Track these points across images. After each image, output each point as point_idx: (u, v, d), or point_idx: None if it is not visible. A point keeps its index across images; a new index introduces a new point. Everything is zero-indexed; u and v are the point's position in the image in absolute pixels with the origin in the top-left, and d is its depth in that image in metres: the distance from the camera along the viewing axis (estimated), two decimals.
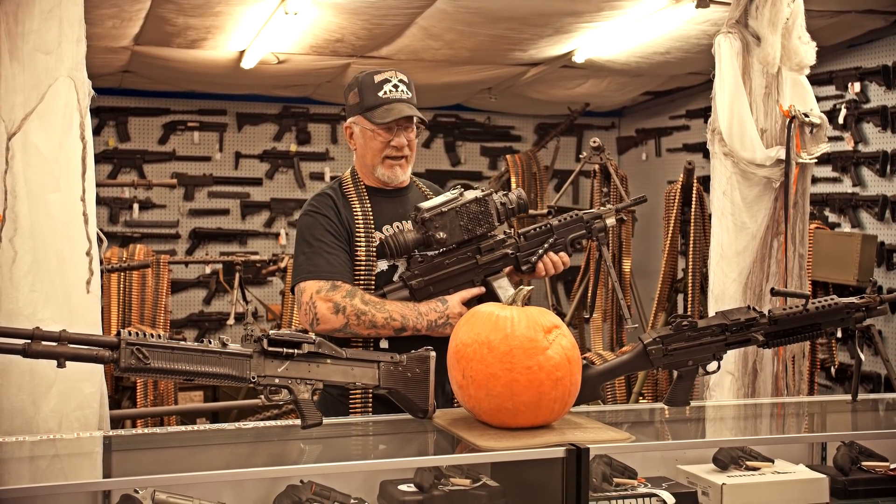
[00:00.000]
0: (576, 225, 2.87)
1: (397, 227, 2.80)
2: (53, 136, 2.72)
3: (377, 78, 2.79)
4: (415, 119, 2.79)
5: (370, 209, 2.79)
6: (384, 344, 2.71)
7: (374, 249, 2.73)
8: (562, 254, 2.83)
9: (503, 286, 2.74)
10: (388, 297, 2.68)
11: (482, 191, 2.75)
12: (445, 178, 8.24)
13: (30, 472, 2.15)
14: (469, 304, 2.71)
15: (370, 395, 2.71)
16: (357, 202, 2.79)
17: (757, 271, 3.51)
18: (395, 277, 2.76)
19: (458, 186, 2.81)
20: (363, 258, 2.72)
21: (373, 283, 2.73)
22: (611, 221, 2.91)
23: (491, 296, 2.72)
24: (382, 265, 2.75)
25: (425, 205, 2.69)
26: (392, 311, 2.64)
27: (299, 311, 2.69)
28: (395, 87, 2.78)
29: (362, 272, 2.72)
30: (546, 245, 2.80)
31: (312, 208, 2.79)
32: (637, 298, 5.63)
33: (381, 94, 2.77)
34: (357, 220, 2.75)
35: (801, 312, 2.64)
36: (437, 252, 2.72)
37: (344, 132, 2.92)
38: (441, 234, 2.67)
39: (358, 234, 2.74)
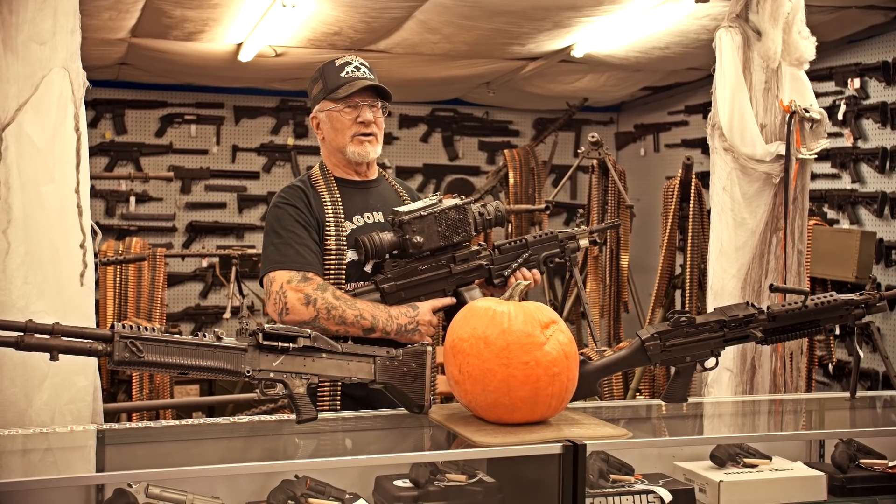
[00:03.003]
0: (550, 243, 2.87)
1: (367, 216, 2.80)
2: (47, 128, 2.70)
3: (338, 62, 2.84)
4: (380, 103, 2.81)
5: (340, 199, 2.78)
6: None
7: (345, 239, 2.72)
8: (534, 270, 2.82)
9: (474, 297, 2.71)
10: (359, 298, 2.65)
11: (462, 199, 2.75)
12: (443, 173, 8.22)
13: (22, 466, 2.13)
14: (437, 314, 2.71)
15: (339, 391, 2.70)
16: (327, 193, 2.78)
17: (756, 267, 3.49)
18: (368, 269, 2.74)
19: (437, 194, 2.81)
20: (333, 248, 2.71)
21: (343, 272, 2.71)
22: (584, 243, 2.93)
23: (461, 306, 2.68)
24: (352, 255, 2.72)
25: (404, 208, 2.69)
26: (363, 310, 2.60)
27: (268, 300, 2.66)
28: (357, 68, 2.82)
29: (332, 262, 2.70)
30: (520, 260, 2.80)
31: (282, 200, 2.76)
32: (635, 294, 5.62)
33: (343, 74, 2.80)
34: (327, 210, 2.74)
35: (800, 309, 2.63)
36: (411, 258, 2.70)
37: (311, 124, 2.91)
38: (418, 238, 2.65)
39: (328, 225, 2.72)
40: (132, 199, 7.54)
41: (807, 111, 3.45)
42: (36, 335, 1.97)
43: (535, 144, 7.54)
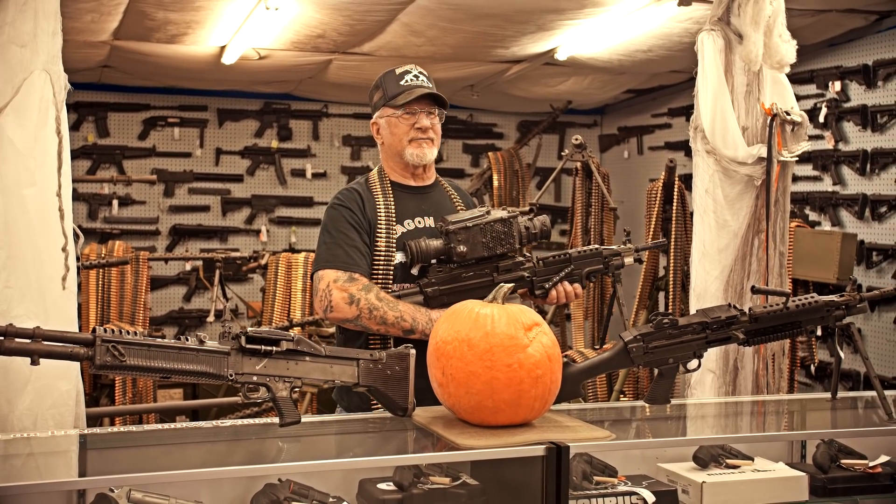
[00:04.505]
0: (594, 259, 2.92)
1: (419, 221, 2.86)
2: (28, 131, 2.69)
3: (398, 71, 2.93)
4: (437, 110, 2.89)
5: (393, 203, 2.85)
6: None
7: (395, 242, 2.79)
8: (576, 285, 2.88)
9: None
10: (403, 300, 2.71)
11: (509, 212, 2.81)
12: None
13: (3, 471, 2.12)
14: None
15: None
16: (381, 197, 2.85)
17: (738, 269, 3.51)
18: (414, 272, 2.79)
19: (487, 204, 2.86)
20: (383, 249, 2.78)
21: (391, 273, 2.77)
22: (629, 260, 2.98)
23: None
24: (400, 257, 2.79)
25: (452, 217, 2.76)
26: (404, 312, 2.67)
27: (315, 297, 2.75)
28: (416, 76, 2.91)
29: (381, 262, 2.77)
30: (562, 273, 2.85)
31: (338, 202, 2.85)
32: (618, 296, 5.63)
33: (402, 82, 2.89)
34: (380, 213, 2.81)
35: (782, 310, 2.64)
36: (456, 264, 2.76)
37: (371, 130, 2.99)
38: (462, 247, 2.72)
39: (379, 226, 2.79)
40: (115, 202, 7.51)
41: (788, 114, 3.48)
42: (17, 339, 1.96)
43: (520, 147, 7.55)
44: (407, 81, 2.88)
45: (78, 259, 2.86)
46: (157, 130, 7.72)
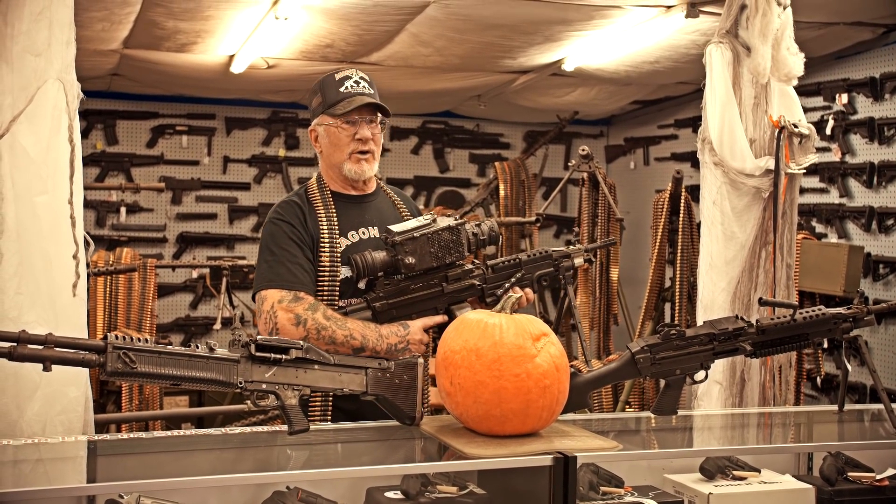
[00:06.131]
0: (544, 262, 2.87)
1: (363, 232, 2.79)
2: (41, 139, 2.71)
3: (338, 76, 2.81)
4: (378, 117, 2.80)
5: (335, 215, 2.77)
6: None
7: (339, 256, 2.71)
8: (527, 290, 2.81)
9: None
10: (350, 317, 2.65)
11: (455, 219, 2.73)
12: (434, 185, 8.23)
13: (13, 477, 2.13)
14: (429, 332, 2.71)
15: (330, 404, 2.70)
16: (322, 208, 2.77)
17: (745, 281, 3.52)
18: (361, 286, 2.73)
19: (431, 212, 2.81)
20: (327, 265, 2.70)
21: (337, 289, 2.70)
22: (579, 261, 2.92)
23: None
24: (346, 272, 2.71)
25: (397, 228, 2.67)
26: (353, 330, 2.59)
27: (259, 319, 2.66)
28: (357, 83, 2.80)
29: (326, 278, 2.70)
30: (513, 279, 2.79)
31: (277, 216, 2.76)
32: (624, 307, 5.64)
33: (342, 89, 2.78)
34: (322, 226, 2.73)
35: (789, 322, 2.64)
36: (403, 276, 2.69)
37: (309, 136, 2.89)
38: (410, 259, 2.64)
39: (323, 241, 2.71)
40: (123, 209, 7.52)
41: (795, 126, 3.48)
42: (29, 346, 1.98)
43: (526, 157, 7.56)
44: (347, 88, 2.77)
45: (87, 266, 2.88)
46: (166, 138, 7.74)
